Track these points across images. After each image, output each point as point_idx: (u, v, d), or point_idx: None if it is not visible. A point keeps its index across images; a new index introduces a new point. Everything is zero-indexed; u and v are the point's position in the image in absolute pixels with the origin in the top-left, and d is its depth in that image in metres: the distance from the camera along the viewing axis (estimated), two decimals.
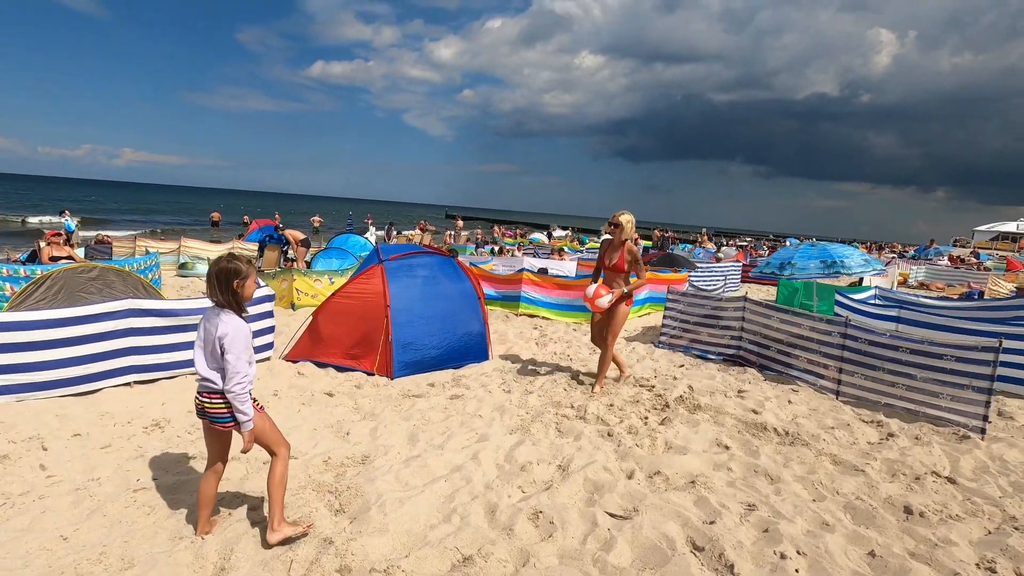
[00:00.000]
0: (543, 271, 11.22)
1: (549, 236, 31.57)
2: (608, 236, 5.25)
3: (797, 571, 2.60)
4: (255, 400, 2.68)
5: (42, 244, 9.42)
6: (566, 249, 21.66)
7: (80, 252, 12.11)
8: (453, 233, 25.90)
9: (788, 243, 30.84)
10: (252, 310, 5.69)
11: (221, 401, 2.58)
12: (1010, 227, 45.86)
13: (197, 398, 2.65)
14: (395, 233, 21.40)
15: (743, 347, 6.32)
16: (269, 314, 5.97)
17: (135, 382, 4.86)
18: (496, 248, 18.01)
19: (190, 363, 5.14)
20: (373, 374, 5.51)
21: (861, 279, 12.80)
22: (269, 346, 5.96)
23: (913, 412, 4.79)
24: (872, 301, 7.42)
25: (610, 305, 5.04)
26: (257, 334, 5.78)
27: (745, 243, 33.86)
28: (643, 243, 27.16)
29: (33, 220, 30.81)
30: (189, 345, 5.15)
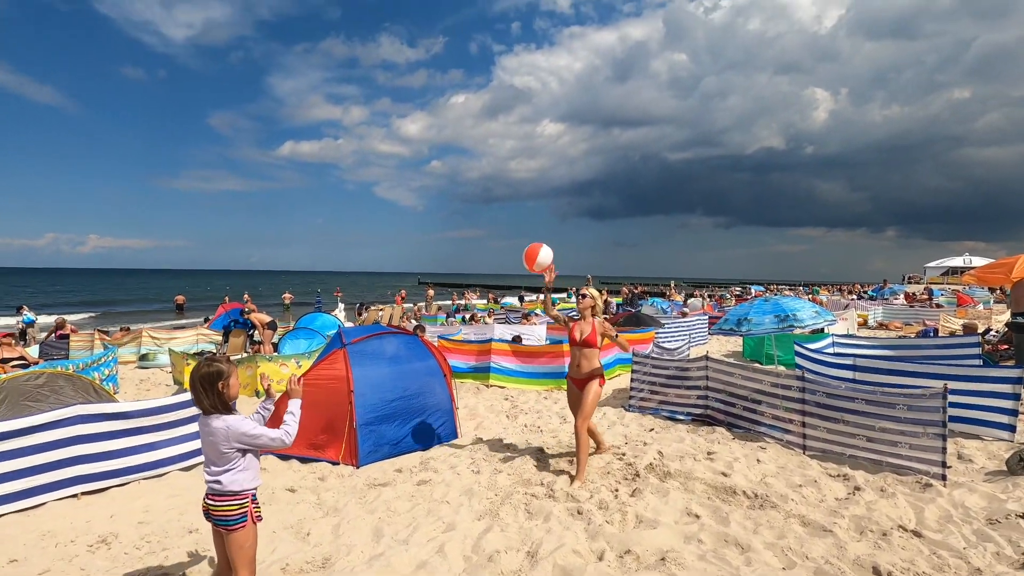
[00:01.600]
0: (517, 339, 11.14)
1: (521, 300, 31.79)
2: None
3: None
4: (255, 505, 2.73)
5: None
6: (538, 312, 21.82)
7: (35, 350, 11.69)
8: (424, 304, 25.89)
9: (752, 291, 31.78)
10: None
11: (226, 504, 2.63)
12: (957, 262, 48.10)
13: (204, 500, 2.70)
14: (366, 308, 21.30)
15: (710, 406, 6.37)
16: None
17: (82, 493, 4.61)
18: (468, 316, 18.04)
19: (143, 468, 4.96)
20: (339, 463, 5.35)
21: (823, 328, 13.19)
22: None
23: (877, 462, 4.85)
24: (829, 350, 7.64)
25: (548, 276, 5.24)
26: None
27: (712, 294, 34.65)
28: (614, 300, 27.63)
29: None
30: (142, 449, 4.95)
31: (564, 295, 34.13)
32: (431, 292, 27.31)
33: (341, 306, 21.43)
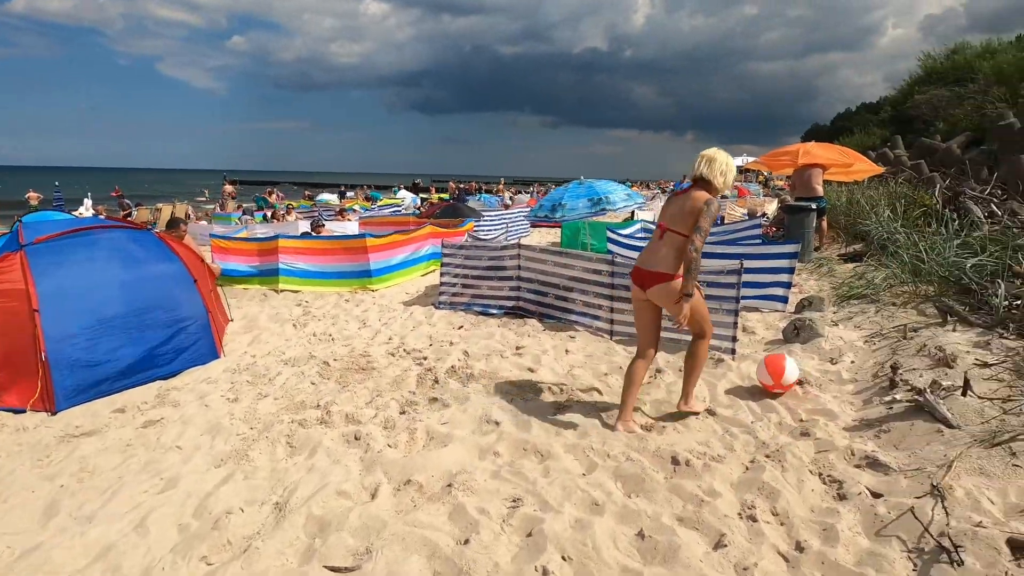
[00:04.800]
0: (316, 227, 9.83)
1: (341, 195, 29.11)
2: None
3: None
4: None
5: None
6: (357, 208, 19.96)
7: None
8: (221, 201, 22.20)
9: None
10: None
11: None
12: (738, 162, 55.69)
13: None
14: (134, 207, 17.28)
15: (522, 297, 5.93)
16: None
17: None
18: (269, 214, 15.63)
19: None
20: (25, 411, 3.81)
21: (633, 214, 13.82)
22: None
23: (676, 341, 4.83)
24: (639, 235, 7.70)
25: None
26: None
27: (536, 190, 35.41)
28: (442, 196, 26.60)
29: None
30: None
31: (391, 191, 32.09)
32: (229, 187, 23.38)
33: (88, 202, 16.81)
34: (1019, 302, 3.99)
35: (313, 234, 8.98)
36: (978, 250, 5.30)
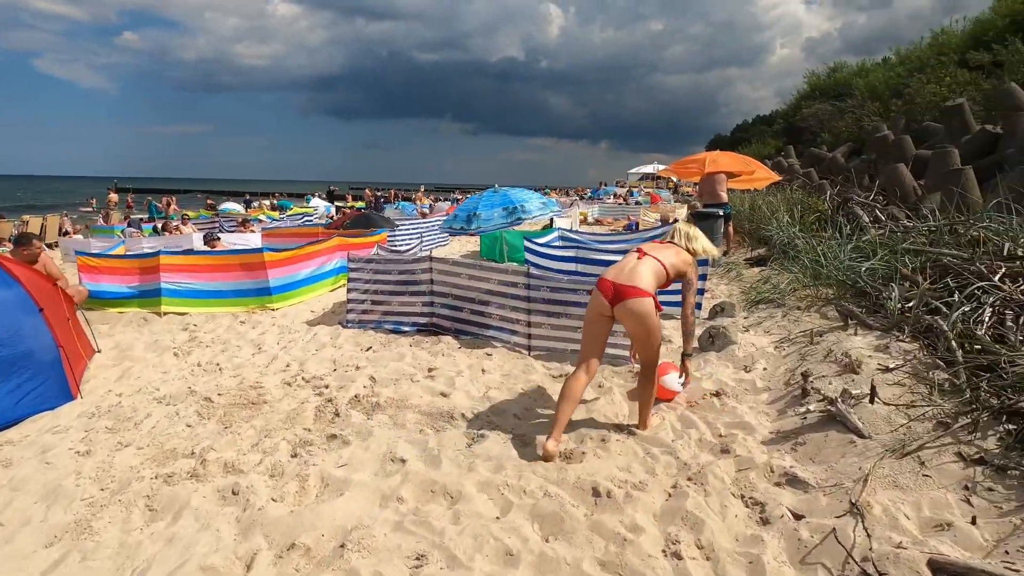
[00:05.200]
0: (210, 241, 8.95)
1: (247, 205, 27.29)
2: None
3: None
4: None
5: None
6: (262, 218, 18.70)
7: None
8: (105, 212, 20.05)
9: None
10: None
11: None
12: (649, 169, 58.22)
13: None
14: None
15: (436, 312, 5.59)
16: None
17: None
18: (159, 226, 14.18)
19: None
20: None
21: (552, 221, 13.83)
22: None
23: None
24: (556, 243, 7.58)
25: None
26: None
27: (457, 197, 35.04)
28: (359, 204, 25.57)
29: None
30: None
31: (304, 199, 30.51)
32: (114, 196, 21.12)
33: None
34: (911, 304, 4.18)
35: (205, 249, 8.13)
36: (869, 254, 5.59)
